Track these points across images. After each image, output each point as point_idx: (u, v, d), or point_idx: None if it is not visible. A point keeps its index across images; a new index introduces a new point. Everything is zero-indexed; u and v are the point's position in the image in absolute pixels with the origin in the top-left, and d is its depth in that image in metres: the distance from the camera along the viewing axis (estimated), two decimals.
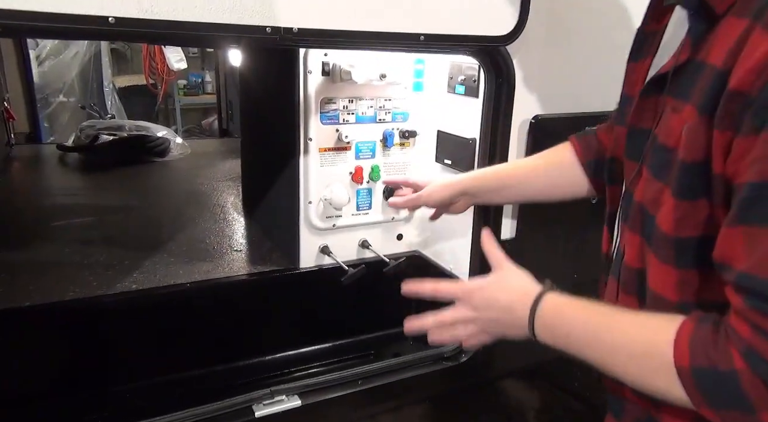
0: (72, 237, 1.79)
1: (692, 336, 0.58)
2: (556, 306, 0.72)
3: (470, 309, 0.79)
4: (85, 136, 2.75)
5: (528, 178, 1.08)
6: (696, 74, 0.61)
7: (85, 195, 2.32)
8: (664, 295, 0.66)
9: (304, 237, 1.62)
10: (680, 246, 0.64)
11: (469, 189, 1.13)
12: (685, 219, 0.62)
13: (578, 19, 1.33)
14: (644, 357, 0.61)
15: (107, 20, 0.84)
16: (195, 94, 5.28)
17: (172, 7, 0.88)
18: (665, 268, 0.66)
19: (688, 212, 0.62)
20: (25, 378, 1.35)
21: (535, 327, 0.72)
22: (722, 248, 0.57)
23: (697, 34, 0.63)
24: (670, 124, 0.64)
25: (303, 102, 1.50)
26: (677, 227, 0.63)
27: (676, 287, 0.65)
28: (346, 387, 1.33)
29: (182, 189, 2.41)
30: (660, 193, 0.65)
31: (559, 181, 1.04)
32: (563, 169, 1.03)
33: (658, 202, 0.65)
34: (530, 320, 0.72)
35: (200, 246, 1.76)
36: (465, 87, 1.50)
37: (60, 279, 1.48)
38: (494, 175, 1.13)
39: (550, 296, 0.73)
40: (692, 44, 0.63)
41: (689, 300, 0.65)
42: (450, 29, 1.12)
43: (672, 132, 0.64)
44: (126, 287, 1.46)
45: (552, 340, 0.71)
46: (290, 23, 0.98)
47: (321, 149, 1.56)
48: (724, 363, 0.55)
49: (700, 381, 0.57)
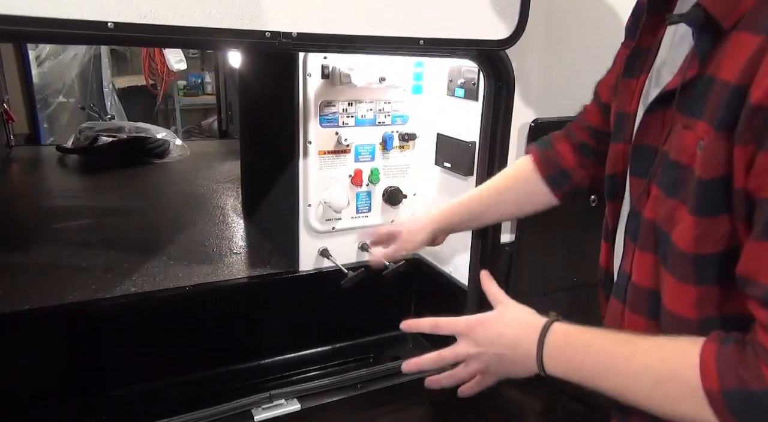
0: (71, 240, 1.79)
1: (718, 357, 0.56)
2: (567, 336, 0.70)
3: (473, 345, 0.76)
4: (84, 138, 2.75)
5: (497, 202, 1.11)
6: (707, 90, 0.61)
7: (85, 197, 2.32)
8: (684, 314, 0.64)
9: (304, 240, 1.62)
10: (700, 263, 0.62)
11: (444, 227, 1.15)
12: (706, 236, 0.61)
13: (577, 23, 1.33)
14: (669, 384, 0.59)
15: (106, 25, 0.84)
16: (195, 94, 5.28)
17: (171, 12, 0.88)
18: (683, 287, 0.64)
19: (708, 229, 0.60)
20: (25, 381, 1.35)
21: (544, 360, 0.69)
22: (747, 263, 0.56)
23: (704, 50, 0.62)
24: (682, 141, 0.63)
25: (302, 105, 1.50)
26: (697, 244, 0.61)
27: (695, 304, 0.63)
28: (346, 391, 1.33)
29: (182, 191, 2.41)
30: (674, 210, 0.64)
31: (525, 198, 1.08)
32: (527, 186, 1.06)
33: (673, 220, 0.64)
34: (538, 353, 0.70)
35: (199, 248, 1.76)
36: (464, 90, 1.50)
37: (59, 282, 1.48)
38: (465, 206, 1.14)
39: (558, 326, 0.71)
40: (700, 60, 0.62)
41: (710, 316, 0.63)
42: (449, 33, 1.12)
43: (685, 149, 0.62)
44: (125, 290, 1.46)
45: (563, 372, 0.68)
46: (289, 28, 0.97)
47: (320, 152, 1.56)
48: (756, 382, 0.53)
49: (732, 404, 0.55)
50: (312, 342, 1.69)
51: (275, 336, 1.63)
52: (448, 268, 1.67)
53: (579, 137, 1.03)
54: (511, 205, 1.12)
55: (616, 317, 0.75)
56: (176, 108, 5.09)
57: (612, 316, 0.77)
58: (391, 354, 1.73)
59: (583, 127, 1.03)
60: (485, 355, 0.75)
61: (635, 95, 0.75)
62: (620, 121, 0.78)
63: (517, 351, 0.72)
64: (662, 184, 0.66)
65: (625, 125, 0.77)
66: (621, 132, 0.77)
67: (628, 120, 0.76)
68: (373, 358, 1.71)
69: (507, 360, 0.74)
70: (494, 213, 1.15)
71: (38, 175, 2.69)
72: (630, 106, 0.76)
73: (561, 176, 1.03)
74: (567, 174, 1.03)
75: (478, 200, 1.13)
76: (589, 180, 1.04)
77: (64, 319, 1.41)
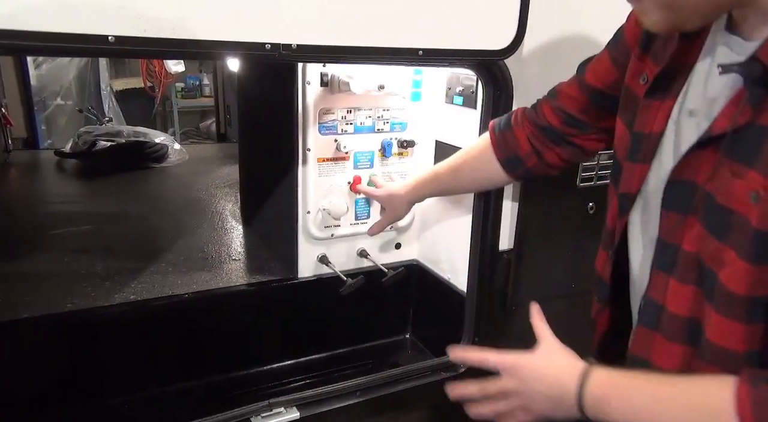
0: (70, 246, 1.79)
1: (752, 398, 0.57)
2: (610, 379, 0.70)
3: (517, 382, 0.76)
4: (82, 142, 2.75)
5: (459, 178, 1.22)
6: (758, 139, 0.60)
7: (83, 202, 2.32)
8: (729, 348, 0.65)
9: (303, 247, 1.62)
10: (753, 304, 0.62)
11: (418, 198, 1.35)
12: (762, 281, 0.61)
13: (576, 32, 1.33)
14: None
15: (106, 39, 0.84)
16: (193, 96, 5.27)
17: (170, 25, 0.88)
18: (731, 324, 0.64)
19: (765, 275, 0.61)
20: (23, 390, 1.34)
21: (584, 401, 0.70)
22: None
23: (758, 100, 0.61)
24: (731, 187, 0.62)
25: (301, 112, 1.50)
26: (752, 288, 0.61)
27: (743, 340, 0.64)
28: (345, 399, 1.32)
29: (180, 196, 2.41)
30: (721, 252, 0.64)
31: (484, 175, 1.16)
32: (484, 164, 1.13)
33: (721, 261, 0.64)
34: (578, 394, 0.70)
35: (198, 255, 1.76)
36: (463, 97, 1.50)
37: (58, 290, 1.48)
38: (434, 181, 1.27)
39: (598, 370, 0.71)
40: (753, 108, 0.61)
41: (757, 350, 0.64)
42: (448, 44, 1.13)
43: (735, 196, 0.62)
44: (124, 298, 1.46)
45: (604, 414, 0.69)
46: (289, 40, 0.98)
47: (319, 159, 1.56)
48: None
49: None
50: (311, 349, 1.70)
51: (274, 343, 1.63)
52: (447, 275, 1.67)
53: (547, 120, 1.03)
54: (470, 182, 1.23)
55: (645, 344, 0.75)
56: (174, 110, 5.08)
57: (641, 344, 0.76)
58: (390, 361, 1.73)
59: (557, 110, 1.02)
60: (528, 392, 0.76)
61: (659, 118, 0.74)
62: (639, 141, 0.77)
63: (560, 391, 0.73)
64: (708, 224, 0.66)
65: (644, 146, 0.76)
66: (639, 152, 0.77)
67: (649, 141, 0.75)
68: (372, 365, 1.71)
69: (548, 398, 0.74)
70: (457, 189, 1.33)
71: (36, 179, 2.69)
72: (653, 127, 0.75)
73: (515, 160, 1.09)
74: (521, 160, 1.08)
75: (444, 175, 1.23)
76: (543, 167, 1.07)
77: (63, 328, 1.41)
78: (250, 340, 1.59)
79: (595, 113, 0.98)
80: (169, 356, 1.49)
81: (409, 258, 1.78)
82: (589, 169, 1.42)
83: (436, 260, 1.73)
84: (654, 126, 0.75)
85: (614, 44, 0.92)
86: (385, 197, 1.41)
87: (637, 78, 0.80)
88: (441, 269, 1.70)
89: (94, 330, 1.44)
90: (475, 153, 1.16)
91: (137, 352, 1.45)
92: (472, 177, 1.19)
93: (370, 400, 1.34)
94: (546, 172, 1.10)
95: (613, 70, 0.92)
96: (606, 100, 0.94)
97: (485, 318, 1.43)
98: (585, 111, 0.99)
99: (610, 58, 0.93)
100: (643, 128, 0.77)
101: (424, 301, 1.80)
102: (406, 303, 1.82)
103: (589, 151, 1.05)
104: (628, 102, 0.82)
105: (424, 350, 1.79)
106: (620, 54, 0.90)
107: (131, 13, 0.86)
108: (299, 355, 1.68)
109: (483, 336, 1.44)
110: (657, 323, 0.73)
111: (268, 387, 1.58)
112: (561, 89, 1.03)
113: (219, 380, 1.57)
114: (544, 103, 1.05)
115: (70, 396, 1.40)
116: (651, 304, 0.75)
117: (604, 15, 1.35)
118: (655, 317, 0.74)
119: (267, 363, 1.64)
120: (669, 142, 0.73)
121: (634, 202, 0.79)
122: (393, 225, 1.71)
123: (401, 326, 1.83)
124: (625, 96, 0.84)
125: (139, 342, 1.46)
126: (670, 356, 0.72)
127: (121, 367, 1.45)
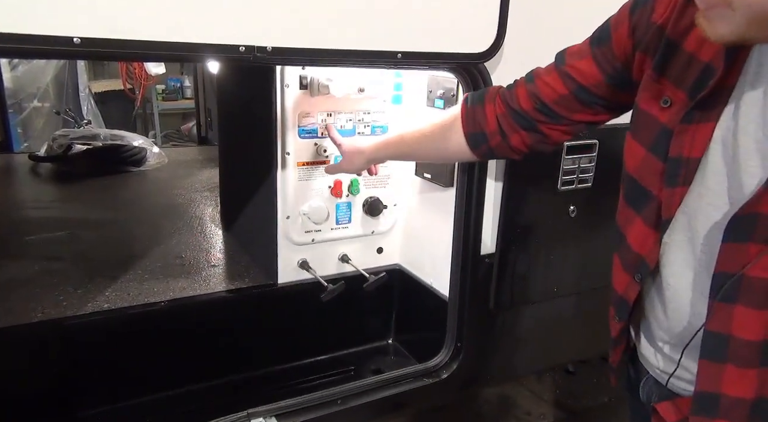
0: (42, 253, 1.74)
1: None
2: None
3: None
4: (58, 146, 2.68)
5: (421, 146, 1.18)
6: None
7: (58, 207, 2.26)
8: None
9: (283, 252, 1.59)
10: None
11: (378, 158, 1.30)
12: None
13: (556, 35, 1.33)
14: None
15: (72, 41, 0.81)
16: (174, 99, 5.19)
17: (141, 26, 0.86)
18: None
19: None
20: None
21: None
22: None
23: None
24: None
25: (280, 116, 1.47)
26: None
27: None
28: (326, 407, 1.30)
29: (159, 200, 2.36)
30: None
31: (446, 145, 1.12)
32: (450, 134, 1.09)
33: None
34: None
35: (176, 261, 1.72)
36: (444, 100, 1.49)
37: (28, 299, 1.44)
38: (394, 145, 1.23)
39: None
40: None
41: None
42: (427, 47, 1.11)
43: None
44: (97, 307, 1.42)
45: None
46: (264, 42, 0.95)
47: (299, 163, 1.53)
48: None
49: None
50: (291, 356, 1.67)
51: (254, 351, 1.60)
52: (429, 280, 1.66)
53: (520, 104, 1.00)
54: (434, 150, 1.18)
55: (712, 378, 0.72)
56: (155, 112, 5.00)
57: (708, 379, 0.73)
58: (372, 367, 1.71)
59: (532, 96, 0.98)
60: None
61: (697, 141, 0.72)
62: (678, 166, 0.74)
63: None
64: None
65: (684, 170, 0.73)
66: (679, 177, 0.74)
67: (689, 165, 0.73)
68: (354, 371, 1.69)
69: None
70: (419, 156, 1.31)
71: (9, 184, 2.62)
72: (691, 152, 0.72)
73: (480, 136, 1.06)
74: (485, 136, 1.05)
75: (407, 141, 1.20)
76: (506, 148, 1.05)
77: (32, 338, 1.36)
78: (228, 348, 1.56)
79: (573, 106, 0.96)
80: (144, 366, 1.45)
81: (391, 263, 1.76)
82: (569, 172, 1.42)
83: (418, 264, 1.72)
84: (693, 151, 0.72)
85: (598, 45, 0.89)
86: (348, 148, 1.35)
87: (655, 101, 0.77)
88: (423, 273, 1.69)
89: (64, 340, 1.40)
90: (444, 123, 1.12)
91: (110, 363, 1.42)
92: (436, 146, 1.15)
93: (352, 408, 1.32)
94: (508, 154, 1.08)
95: (597, 72, 0.90)
96: (589, 96, 0.92)
97: (468, 323, 1.42)
98: (561, 102, 0.96)
99: (594, 58, 0.90)
100: (680, 153, 0.73)
101: (406, 306, 1.78)
102: (389, 308, 1.80)
103: (553, 141, 1.03)
104: (645, 124, 0.79)
105: (407, 355, 1.77)
106: (605, 58, 0.88)
107: (99, 14, 0.83)
108: (279, 363, 1.65)
109: (465, 341, 1.43)
110: (725, 356, 0.71)
111: (248, 397, 1.55)
112: (539, 74, 1.00)
113: (197, 389, 1.53)
114: (520, 86, 1.01)
115: (38, 409, 1.35)
116: (714, 337, 0.72)
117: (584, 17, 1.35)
118: (722, 350, 0.71)
119: (247, 371, 1.60)
120: (714, 167, 0.71)
121: (669, 225, 0.76)
122: (374, 230, 1.70)
123: (384, 331, 1.82)
124: (640, 117, 0.80)
125: (112, 352, 1.42)
126: (744, 382, 0.70)
127: (94, 378, 1.41)
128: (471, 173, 1.34)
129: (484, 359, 1.53)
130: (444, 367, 1.45)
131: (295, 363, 1.67)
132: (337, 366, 1.69)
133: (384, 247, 1.74)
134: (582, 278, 1.55)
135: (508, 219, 1.39)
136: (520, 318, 1.55)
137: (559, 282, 1.53)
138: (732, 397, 0.70)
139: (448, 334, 1.45)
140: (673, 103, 0.74)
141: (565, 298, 1.59)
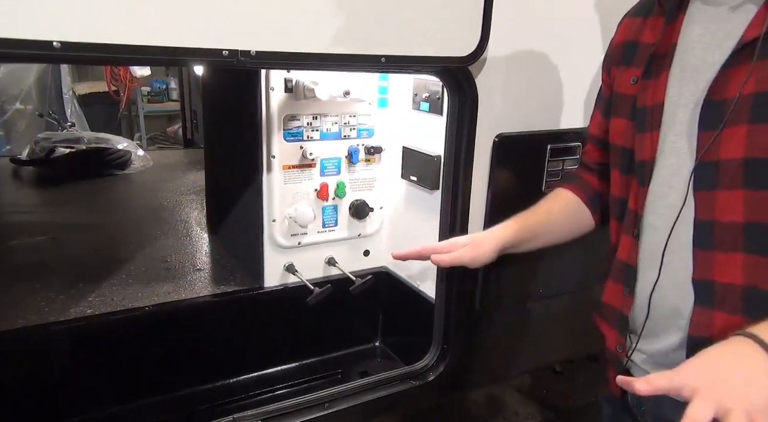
0: (24, 259, 1.72)
1: None
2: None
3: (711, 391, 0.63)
4: (40, 149, 2.65)
5: (551, 226, 1.11)
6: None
7: (40, 212, 2.23)
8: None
9: (269, 256, 1.58)
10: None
11: (508, 247, 1.11)
12: None
13: (540, 38, 1.34)
14: None
15: (51, 45, 0.80)
16: (159, 101, 5.15)
17: (122, 30, 0.85)
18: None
19: None
20: None
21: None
22: None
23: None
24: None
25: (265, 119, 1.47)
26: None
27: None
28: (313, 411, 1.30)
29: (143, 204, 2.34)
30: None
31: (573, 220, 1.09)
32: (574, 209, 1.09)
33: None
34: None
35: (161, 265, 1.70)
36: (429, 103, 1.50)
37: (9, 306, 1.41)
38: (526, 229, 1.11)
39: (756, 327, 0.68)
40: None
41: None
42: (411, 50, 1.12)
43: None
44: (80, 312, 1.40)
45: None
46: (248, 46, 0.95)
47: (285, 167, 1.53)
48: None
49: None
50: (279, 359, 1.66)
51: (240, 355, 1.59)
52: (416, 282, 1.66)
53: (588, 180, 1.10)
54: (563, 229, 1.11)
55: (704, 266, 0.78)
56: (140, 115, 4.96)
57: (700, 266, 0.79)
58: (359, 370, 1.71)
59: (590, 169, 1.09)
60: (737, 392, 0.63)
61: (658, 89, 0.84)
62: (644, 114, 0.86)
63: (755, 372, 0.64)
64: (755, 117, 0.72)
65: (650, 117, 0.85)
66: (646, 123, 0.85)
67: (653, 111, 0.84)
68: (341, 374, 1.68)
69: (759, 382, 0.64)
70: (547, 239, 1.12)
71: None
72: (654, 99, 0.84)
73: (597, 197, 1.08)
74: (601, 195, 1.08)
75: (537, 223, 1.11)
76: None
77: (13, 345, 1.34)
78: (214, 353, 1.55)
79: None
80: (129, 372, 1.44)
81: (378, 266, 1.76)
82: (554, 173, 1.43)
83: (404, 267, 1.72)
84: (656, 97, 0.84)
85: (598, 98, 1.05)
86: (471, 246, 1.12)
87: (626, 82, 0.90)
88: (410, 276, 1.69)
89: (46, 347, 1.38)
90: (559, 199, 1.11)
91: (94, 369, 1.40)
92: (565, 221, 1.10)
93: (339, 411, 1.32)
94: None
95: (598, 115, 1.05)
96: None
97: (454, 325, 1.42)
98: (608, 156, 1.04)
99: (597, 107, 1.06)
100: (645, 102, 0.85)
101: (393, 308, 1.79)
102: (376, 310, 1.80)
103: None
104: (622, 100, 0.91)
105: (394, 357, 1.77)
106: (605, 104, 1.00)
107: (79, 18, 0.82)
108: (266, 367, 1.64)
109: (452, 343, 1.43)
110: (712, 242, 0.77)
111: (234, 401, 1.54)
112: (582, 153, 1.12)
113: (182, 394, 1.52)
114: (577, 170, 1.13)
115: (20, 417, 1.33)
116: (702, 225, 0.78)
117: (568, 21, 1.37)
118: (710, 236, 0.77)
119: (232, 375, 1.59)
120: (672, 103, 0.82)
121: (652, 170, 0.84)
122: (360, 232, 1.70)
123: (371, 334, 1.82)
124: (617, 99, 0.92)
125: (95, 359, 1.40)
126: (732, 267, 0.75)
127: (77, 385, 1.39)
128: (456, 176, 1.35)
129: (471, 361, 1.53)
130: (431, 369, 1.45)
131: (282, 366, 1.66)
132: (324, 369, 1.68)
133: (370, 250, 1.74)
134: (568, 278, 1.56)
135: (493, 221, 1.39)
136: (506, 320, 1.55)
137: (544, 283, 1.54)
138: (723, 284, 0.76)
139: (434, 336, 1.45)
140: (638, 78, 0.88)
141: (551, 299, 1.60)
